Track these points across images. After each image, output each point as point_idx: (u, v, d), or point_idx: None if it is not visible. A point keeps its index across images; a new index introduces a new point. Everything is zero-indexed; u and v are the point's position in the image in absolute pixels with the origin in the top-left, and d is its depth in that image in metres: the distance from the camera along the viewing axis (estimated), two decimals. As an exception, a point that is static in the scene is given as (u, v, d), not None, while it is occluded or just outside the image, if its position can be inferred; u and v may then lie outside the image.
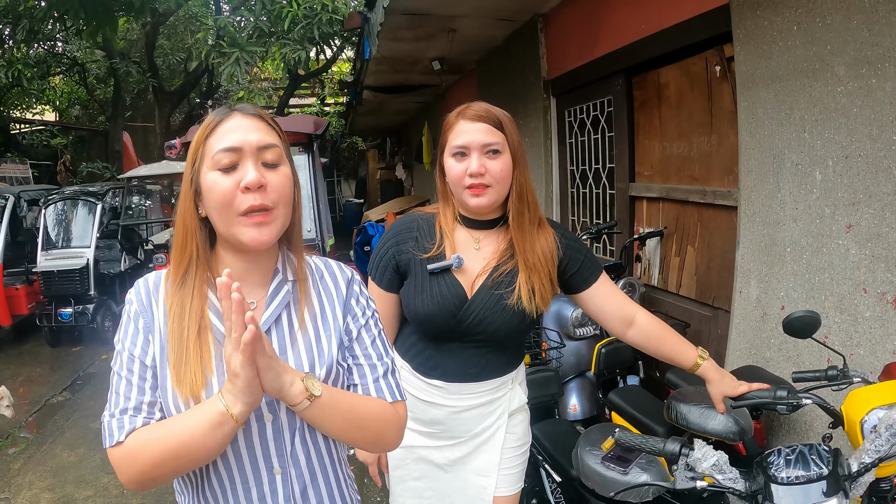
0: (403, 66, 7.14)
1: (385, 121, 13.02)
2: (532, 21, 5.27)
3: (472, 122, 1.61)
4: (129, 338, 1.11)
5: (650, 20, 3.56)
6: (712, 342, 3.35)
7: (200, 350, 1.09)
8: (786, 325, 1.84)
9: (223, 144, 1.08)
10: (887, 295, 2.13)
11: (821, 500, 1.30)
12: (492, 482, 1.77)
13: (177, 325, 1.09)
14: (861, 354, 2.23)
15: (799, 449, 1.43)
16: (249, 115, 1.13)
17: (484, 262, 1.69)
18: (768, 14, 2.52)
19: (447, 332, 1.68)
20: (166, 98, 11.44)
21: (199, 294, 1.11)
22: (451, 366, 1.71)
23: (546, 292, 1.66)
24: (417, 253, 1.68)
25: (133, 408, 1.07)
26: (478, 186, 1.60)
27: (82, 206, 7.50)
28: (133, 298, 1.15)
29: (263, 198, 1.07)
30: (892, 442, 1.34)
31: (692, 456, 1.43)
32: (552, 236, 1.71)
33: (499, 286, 1.65)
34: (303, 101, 17.55)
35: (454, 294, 1.64)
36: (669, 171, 3.75)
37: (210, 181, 1.08)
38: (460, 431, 1.76)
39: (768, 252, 2.70)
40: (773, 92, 2.56)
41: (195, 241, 1.12)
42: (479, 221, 1.71)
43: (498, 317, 1.64)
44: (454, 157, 1.63)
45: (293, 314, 1.19)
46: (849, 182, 2.25)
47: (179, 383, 1.07)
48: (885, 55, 2.04)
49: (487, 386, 1.74)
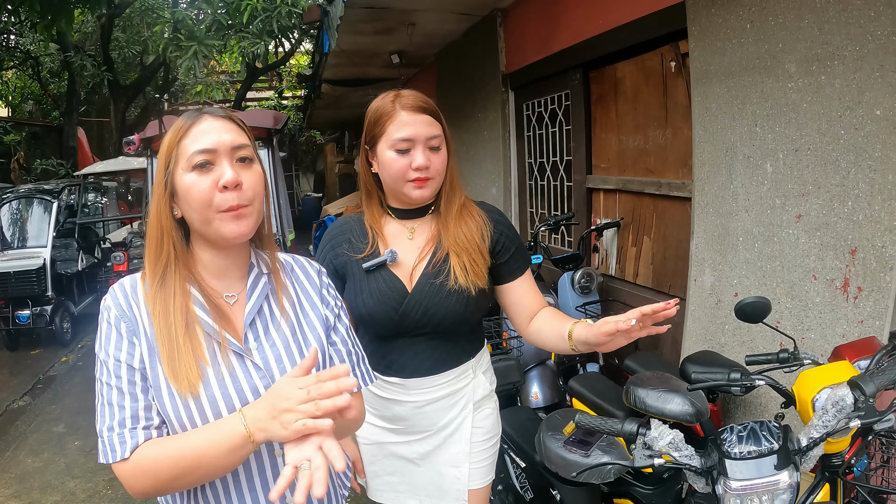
0: (362, 60, 7.08)
1: (343, 114, 12.87)
2: (491, 15, 5.30)
3: (415, 113, 1.57)
4: (113, 344, 1.11)
5: (607, 16, 3.63)
6: (669, 329, 3.44)
7: (191, 343, 1.10)
8: (737, 310, 1.92)
9: (198, 146, 1.10)
10: (836, 281, 2.24)
11: (772, 473, 1.37)
12: (464, 472, 1.76)
13: (163, 324, 1.10)
14: (812, 338, 2.33)
15: (750, 426, 1.50)
16: (220, 117, 1.16)
17: (419, 250, 1.68)
18: (722, 12, 2.61)
19: (393, 327, 1.65)
20: (122, 92, 11.03)
21: (180, 291, 1.13)
22: (405, 361, 1.69)
23: (479, 267, 1.63)
24: (352, 254, 1.66)
25: (130, 417, 1.07)
26: (422, 179, 1.58)
27: (38, 204, 7.23)
28: (111, 304, 1.15)
29: (240, 196, 1.11)
30: (839, 418, 1.41)
31: (649, 435, 1.49)
32: (478, 215, 1.69)
33: (437, 274, 1.63)
34: (260, 95, 17.20)
35: (393, 288, 1.63)
36: (626, 163, 3.84)
37: (187, 182, 1.10)
38: (426, 425, 1.75)
39: (722, 241, 2.80)
40: (727, 87, 2.65)
41: (171, 241, 1.14)
42: (411, 211, 1.69)
43: (442, 304, 1.62)
44: (396, 151, 1.57)
45: (273, 304, 1.23)
46: (798, 174, 2.35)
47: (176, 378, 1.07)
48: (834, 53, 2.14)
49: (446, 378, 1.72)
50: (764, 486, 1.34)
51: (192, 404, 1.08)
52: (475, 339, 1.82)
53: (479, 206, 1.74)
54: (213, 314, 1.15)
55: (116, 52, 11.27)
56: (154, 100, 12.60)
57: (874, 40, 2.01)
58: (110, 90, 10.55)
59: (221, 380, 1.11)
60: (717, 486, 1.40)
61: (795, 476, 1.37)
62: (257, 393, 1.12)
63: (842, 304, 2.24)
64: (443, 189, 1.67)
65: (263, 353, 1.17)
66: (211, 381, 1.10)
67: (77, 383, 5.64)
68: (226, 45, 5.23)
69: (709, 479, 1.43)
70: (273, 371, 1.15)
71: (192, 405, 1.08)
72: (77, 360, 6.38)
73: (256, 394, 1.12)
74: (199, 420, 1.08)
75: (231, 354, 1.14)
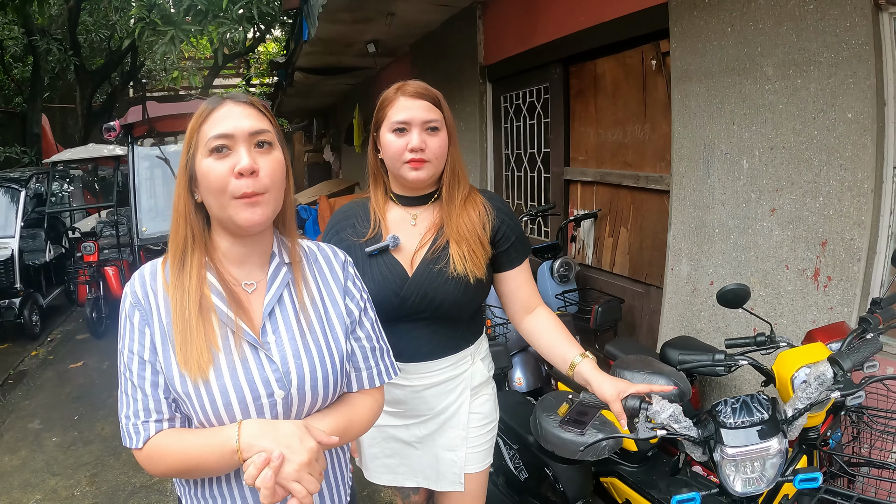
0: (338, 48, 7.05)
1: (313, 102, 12.75)
2: (471, 7, 5.36)
3: (413, 98, 1.63)
4: (127, 335, 1.12)
5: (589, 13, 3.74)
6: (645, 316, 3.62)
7: (204, 329, 1.10)
8: (719, 296, 2.06)
9: (216, 131, 1.11)
10: (807, 271, 2.41)
11: (764, 440, 1.50)
12: (461, 455, 1.82)
13: (178, 307, 1.11)
14: (784, 323, 2.51)
15: (742, 398, 1.62)
16: (241, 102, 1.16)
17: (420, 237, 1.72)
18: (704, 15, 2.74)
19: (393, 311, 1.68)
20: (88, 78, 10.61)
21: (196, 276, 1.13)
22: (405, 347, 1.72)
23: (477, 257, 1.69)
24: (355, 239, 1.70)
25: (143, 410, 1.10)
26: (417, 161, 1.63)
27: (4, 193, 6.92)
28: (128, 292, 1.15)
29: (255, 183, 1.11)
30: (821, 390, 1.55)
31: (651, 409, 1.60)
32: (481, 204, 1.75)
33: (437, 260, 1.67)
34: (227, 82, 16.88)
35: (394, 273, 1.67)
36: (604, 156, 3.97)
37: (205, 167, 1.11)
38: (424, 410, 1.80)
39: (698, 233, 2.96)
40: (706, 87, 2.80)
41: (189, 224, 1.15)
42: (414, 198, 1.74)
43: (441, 290, 1.66)
44: (394, 132, 1.64)
45: (293, 295, 1.22)
46: (773, 171, 2.51)
47: (186, 364, 1.08)
48: (810, 59, 2.29)
49: (444, 363, 1.76)
50: (757, 452, 1.47)
51: (203, 391, 1.08)
52: (474, 326, 1.87)
53: (483, 195, 1.79)
54: (229, 302, 1.14)
55: (83, 35, 10.88)
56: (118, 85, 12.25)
57: (848, 49, 2.17)
58: (77, 76, 10.18)
59: (233, 369, 1.10)
60: (714, 454, 1.52)
61: (784, 443, 1.50)
62: (269, 385, 1.12)
63: (812, 292, 2.41)
64: (444, 176, 1.72)
65: (281, 347, 1.15)
66: (223, 369, 1.10)
67: (49, 378, 5.49)
68: (203, 30, 5.15)
69: (705, 448, 1.55)
70: (288, 366, 1.14)
71: (202, 392, 1.08)
72: (48, 354, 6.20)
73: (268, 386, 1.12)
74: (209, 408, 1.08)
75: (245, 344, 1.13)
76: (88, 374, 5.45)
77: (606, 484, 2.32)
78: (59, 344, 6.47)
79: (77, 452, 3.92)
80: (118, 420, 1.13)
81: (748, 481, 1.51)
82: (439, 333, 1.74)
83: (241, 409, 1.10)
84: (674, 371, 2.27)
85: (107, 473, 3.64)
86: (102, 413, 4.51)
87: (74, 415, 4.52)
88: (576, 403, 1.79)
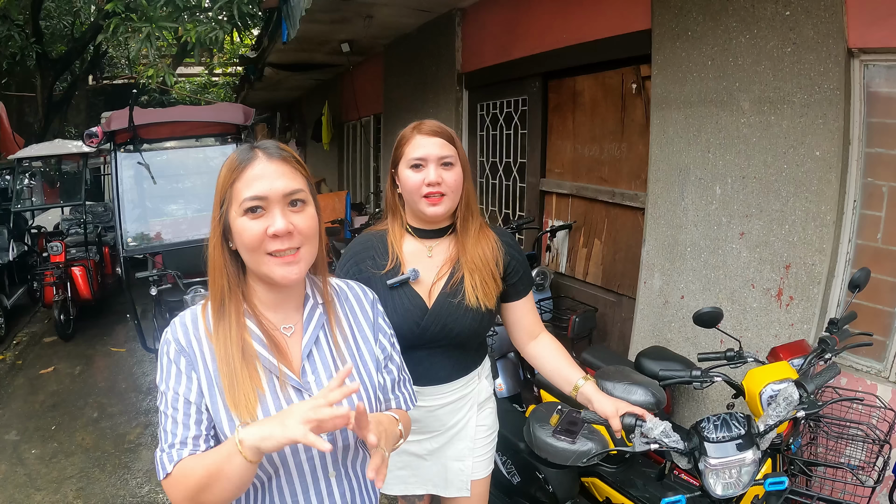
0: (311, 46, 7.06)
1: (279, 96, 12.65)
2: (450, 14, 5.47)
3: (429, 136, 1.73)
4: (174, 378, 1.16)
5: (571, 31, 3.91)
6: (617, 323, 3.83)
7: (249, 374, 1.15)
8: (695, 318, 2.27)
9: (250, 192, 1.13)
10: (771, 290, 2.64)
11: (741, 452, 1.71)
12: (468, 465, 1.97)
13: (223, 354, 1.16)
14: (749, 337, 2.74)
15: (722, 417, 1.83)
16: (274, 158, 1.17)
17: (437, 269, 1.80)
18: (686, 46, 2.94)
19: (413, 340, 1.77)
20: (50, 66, 10.16)
21: (236, 323, 1.18)
22: (422, 372, 1.81)
23: (489, 289, 1.80)
24: (375, 271, 1.78)
25: (180, 443, 1.13)
26: (434, 195, 1.73)
27: None
28: (171, 339, 1.18)
29: (290, 241, 1.15)
30: (788, 409, 1.77)
31: (645, 426, 1.79)
32: (494, 240, 1.87)
33: (455, 293, 1.76)
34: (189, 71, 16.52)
35: (415, 305, 1.76)
36: (580, 170, 4.16)
37: (239, 225, 1.14)
38: (436, 426, 1.93)
39: (671, 250, 3.17)
40: (684, 115, 3.00)
41: (225, 274, 1.19)
42: (430, 231, 1.82)
43: (459, 321, 1.76)
44: (412, 168, 1.73)
45: (328, 335, 1.29)
46: (744, 198, 2.73)
47: (236, 406, 1.13)
48: (784, 98, 2.51)
49: (456, 385, 1.89)
50: (735, 462, 1.69)
51: None
52: (481, 349, 2.02)
53: (494, 231, 1.92)
54: (270, 348, 1.19)
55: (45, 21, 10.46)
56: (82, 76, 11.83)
57: (820, 92, 2.39)
58: (38, 64, 9.79)
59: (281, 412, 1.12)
60: (699, 464, 1.72)
61: (758, 454, 1.72)
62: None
63: (775, 310, 2.64)
64: (458, 210, 1.82)
65: (321, 387, 1.20)
66: (269, 406, 1.15)
67: (21, 385, 5.23)
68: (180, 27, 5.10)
69: (691, 458, 1.75)
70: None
71: None
72: (15, 359, 5.89)
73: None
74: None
75: (290, 388, 1.19)
76: (61, 380, 5.29)
77: (588, 483, 2.51)
78: (26, 347, 6.22)
79: (60, 465, 3.81)
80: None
81: (727, 486, 1.72)
82: (454, 358, 1.87)
83: (291, 448, 1.16)
84: (651, 382, 2.46)
85: (94, 486, 3.56)
86: (81, 422, 4.40)
87: (52, 424, 4.38)
88: (565, 414, 1.97)
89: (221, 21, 5.09)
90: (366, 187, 9.07)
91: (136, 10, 5.00)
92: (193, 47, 5.17)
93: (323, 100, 10.26)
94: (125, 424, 4.34)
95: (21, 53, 9.70)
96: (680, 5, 2.95)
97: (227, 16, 4.98)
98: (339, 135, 10.09)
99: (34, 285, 7.26)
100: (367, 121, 8.65)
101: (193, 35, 4.95)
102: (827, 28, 2.37)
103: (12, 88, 11.94)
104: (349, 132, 9.81)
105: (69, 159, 7.87)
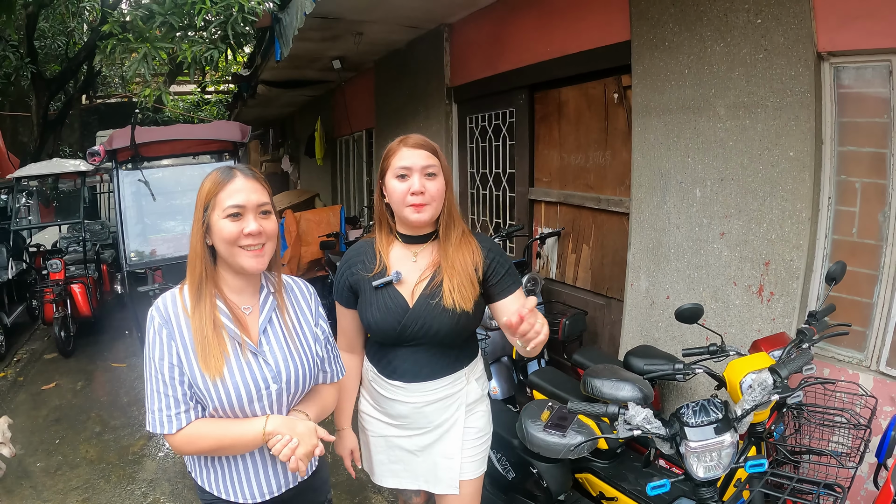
0: (303, 63, 7.19)
1: (271, 112, 12.77)
2: (437, 30, 5.61)
3: (414, 148, 1.86)
4: (157, 347, 1.50)
5: (555, 44, 4.05)
6: (607, 326, 3.93)
7: (218, 341, 1.51)
8: (677, 314, 2.38)
9: (233, 201, 1.51)
10: (752, 287, 2.75)
11: (719, 436, 1.80)
12: (457, 463, 2.06)
13: (198, 325, 1.50)
14: (732, 333, 2.84)
15: (701, 403, 1.93)
16: (249, 177, 1.56)
17: (420, 272, 1.93)
18: (664, 56, 3.07)
19: (396, 337, 1.92)
20: (44, 86, 10.21)
21: (210, 303, 1.53)
22: (406, 368, 1.96)
23: (466, 293, 1.90)
24: (364, 273, 1.94)
25: (174, 402, 1.48)
26: (418, 204, 1.86)
27: None
28: (155, 314, 1.52)
29: (259, 239, 1.53)
30: (763, 395, 1.87)
31: (628, 414, 1.89)
32: (475, 246, 1.98)
33: (434, 294, 1.89)
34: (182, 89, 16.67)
35: (397, 304, 1.90)
36: (567, 178, 4.28)
37: (221, 226, 1.50)
38: (424, 423, 2.03)
39: (655, 252, 3.28)
40: (664, 122, 3.12)
41: (203, 263, 1.53)
42: (415, 237, 1.95)
43: (436, 320, 1.88)
44: (398, 178, 1.86)
45: (278, 317, 1.65)
46: (723, 199, 2.85)
47: (207, 367, 1.48)
48: (758, 103, 2.64)
49: (441, 383, 1.98)
50: (714, 445, 1.79)
51: (220, 386, 1.48)
52: (468, 350, 2.10)
53: (476, 237, 2.02)
54: (235, 322, 1.55)
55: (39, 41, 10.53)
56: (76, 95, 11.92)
57: (792, 95, 2.52)
58: (33, 83, 9.85)
59: (241, 370, 1.52)
60: (680, 448, 1.82)
61: (735, 437, 1.82)
62: (266, 381, 1.55)
63: (757, 306, 2.75)
64: (441, 218, 1.95)
65: (273, 354, 1.59)
66: (234, 370, 1.51)
67: (23, 401, 5.27)
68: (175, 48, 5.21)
69: (672, 443, 1.84)
70: (279, 367, 1.57)
71: (220, 387, 1.48)
72: (17, 376, 5.93)
73: (266, 381, 1.55)
74: (224, 398, 1.49)
75: (249, 353, 1.55)
76: (63, 395, 5.32)
77: (582, 479, 2.59)
78: (26, 364, 6.24)
79: (65, 477, 3.85)
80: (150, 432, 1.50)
81: (708, 468, 1.83)
82: (437, 357, 1.98)
83: (248, 398, 1.53)
84: (638, 378, 2.55)
85: (99, 497, 3.61)
86: (84, 435, 4.44)
87: (56, 438, 4.42)
88: (555, 410, 2.07)
89: (216, 41, 5.19)
90: (359, 201, 9.17)
91: (132, 30, 5.10)
92: (189, 66, 5.26)
93: (315, 115, 10.37)
94: (128, 437, 4.40)
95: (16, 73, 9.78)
96: (657, 17, 3.09)
97: (221, 35, 5.08)
98: (331, 150, 10.20)
99: (33, 303, 7.32)
100: (359, 135, 8.77)
101: (189, 55, 5.05)
102: (796, 34, 2.50)
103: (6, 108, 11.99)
104: (342, 147, 9.92)
105: (66, 178, 7.93)
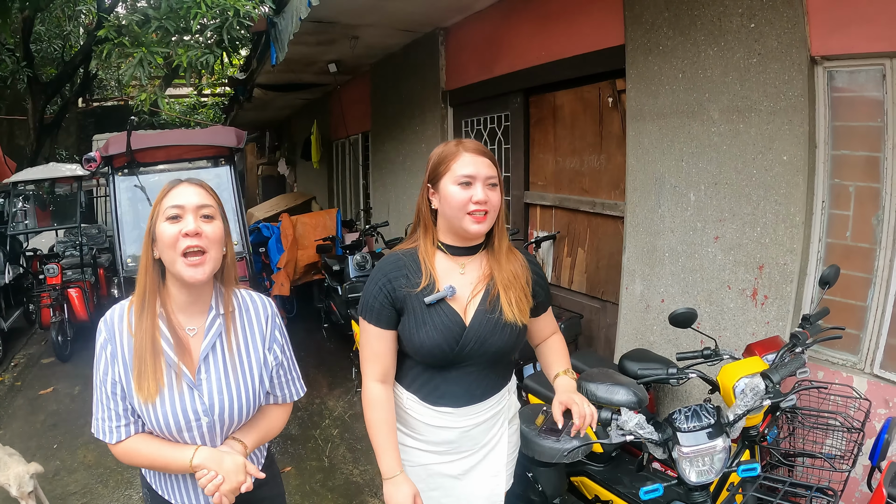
0: (299, 67, 7.23)
1: (268, 115, 12.78)
2: (433, 33, 5.63)
3: (477, 155, 1.73)
4: (103, 362, 1.49)
5: (549, 49, 4.06)
6: (602, 329, 3.94)
7: (154, 368, 1.47)
8: (671, 319, 2.38)
9: (171, 202, 1.49)
10: (746, 290, 2.76)
11: (711, 440, 1.81)
12: (502, 479, 1.97)
13: (137, 347, 1.47)
14: (727, 336, 2.85)
15: (693, 408, 1.93)
16: (193, 184, 1.54)
17: (471, 286, 1.79)
18: (658, 61, 3.09)
19: (451, 358, 1.75)
20: (41, 89, 10.14)
21: (150, 323, 1.49)
22: (457, 391, 1.80)
23: (524, 305, 1.78)
24: (410, 289, 1.74)
25: (115, 415, 1.49)
26: (480, 213, 1.71)
27: None
28: (103, 328, 1.51)
29: (199, 241, 1.46)
30: (756, 399, 1.88)
31: (620, 419, 1.89)
32: (522, 261, 1.89)
33: (493, 310, 1.75)
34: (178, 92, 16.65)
35: (454, 321, 1.73)
36: (562, 182, 4.29)
37: (162, 228, 1.47)
38: (470, 445, 1.91)
39: (650, 256, 3.29)
40: (658, 126, 3.14)
41: (146, 277, 1.50)
42: (463, 248, 1.81)
43: (497, 336, 1.75)
44: (460, 185, 1.71)
45: (223, 342, 1.58)
46: (717, 203, 2.86)
47: (140, 391, 1.46)
48: (752, 107, 2.65)
49: (491, 402, 1.87)
50: (705, 450, 1.79)
51: (151, 412, 1.47)
52: (511, 363, 2.03)
53: (520, 251, 1.95)
54: (175, 347, 1.50)
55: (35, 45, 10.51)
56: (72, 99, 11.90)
57: (786, 99, 2.53)
58: (29, 87, 9.82)
59: (173, 401, 1.48)
60: (672, 452, 1.82)
61: (727, 442, 1.82)
62: (197, 414, 1.50)
63: (751, 309, 2.76)
64: (494, 227, 1.83)
65: (210, 386, 1.53)
66: (166, 400, 1.48)
67: (20, 406, 5.21)
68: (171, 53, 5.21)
69: (665, 448, 1.85)
70: (213, 401, 1.52)
71: (151, 412, 1.47)
72: (14, 380, 5.86)
73: (196, 414, 1.51)
74: (155, 423, 1.48)
75: (184, 384, 1.50)
76: (60, 400, 5.29)
77: (577, 482, 2.60)
78: (24, 369, 6.19)
79: (63, 482, 3.83)
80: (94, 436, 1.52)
81: (700, 473, 1.83)
82: (489, 376, 1.85)
83: (177, 429, 1.50)
84: (632, 382, 2.55)
85: (97, 501, 3.59)
86: (82, 440, 4.40)
87: (53, 443, 4.39)
88: (550, 414, 2.07)
89: (212, 45, 5.19)
90: (356, 204, 9.17)
91: (128, 34, 5.10)
92: (185, 70, 5.26)
93: (312, 119, 10.38)
94: (126, 441, 4.37)
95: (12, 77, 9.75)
96: (651, 21, 3.10)
97: (216, 40, 5.08)
98: (328, 153, 10.21)
99: (30, 307, 7.28)
100: (355, 139, 8.78)
101: (185, 59, 5.05)
102: (790, 38, 2.51)
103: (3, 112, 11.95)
104: (338, 150, 9.93)
105: (63, 182, 7.92)
